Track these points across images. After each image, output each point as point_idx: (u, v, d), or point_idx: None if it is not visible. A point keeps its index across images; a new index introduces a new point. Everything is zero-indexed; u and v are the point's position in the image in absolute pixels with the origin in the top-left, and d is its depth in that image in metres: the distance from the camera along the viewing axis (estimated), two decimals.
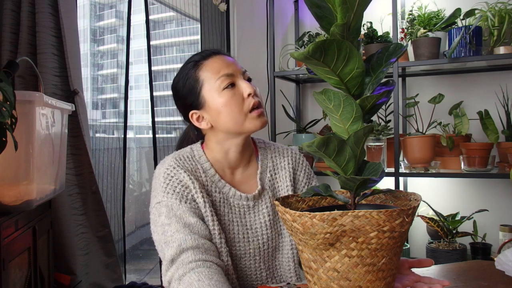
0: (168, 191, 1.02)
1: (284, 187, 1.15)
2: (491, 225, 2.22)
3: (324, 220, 0.66)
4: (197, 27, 2.44)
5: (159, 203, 1.02)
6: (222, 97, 1.03)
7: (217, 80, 1.04)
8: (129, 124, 2.16)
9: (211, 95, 1.04)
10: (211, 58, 1.07)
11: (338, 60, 0.66)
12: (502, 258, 1.03)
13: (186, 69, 1.09)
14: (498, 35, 2.02)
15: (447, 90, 2.36)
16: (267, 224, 1.10)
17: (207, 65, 1.06)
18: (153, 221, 1.03)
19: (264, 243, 1.10)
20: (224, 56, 1.09)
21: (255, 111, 1.05)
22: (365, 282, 0.70)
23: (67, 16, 1.71)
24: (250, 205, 1.10)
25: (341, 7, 0.65)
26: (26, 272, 1.37)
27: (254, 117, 1.05)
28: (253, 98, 1.04)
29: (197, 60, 1.08)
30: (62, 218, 1.72)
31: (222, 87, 1.03)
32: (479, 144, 2.04)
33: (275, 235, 1.12)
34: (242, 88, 1.05)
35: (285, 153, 1.19)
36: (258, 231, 1.10)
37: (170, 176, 1.04)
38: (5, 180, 1.27)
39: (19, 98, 1.10)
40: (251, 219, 1.10)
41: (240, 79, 1.06)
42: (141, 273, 2.30)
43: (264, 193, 1.12)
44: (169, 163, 1.06)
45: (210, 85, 1.04)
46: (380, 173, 0.72)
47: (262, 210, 1.11)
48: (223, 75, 1.04)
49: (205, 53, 1.09)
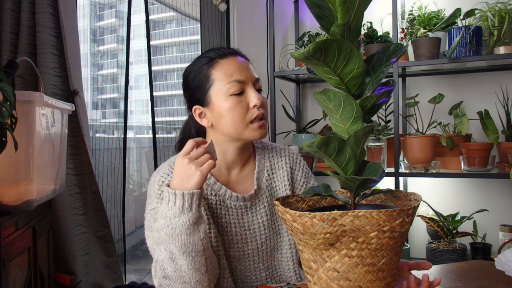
0: (163, 198, 1.02)
1: (282, 187, 1.15)
2: (491, 225, 2.22)
3: (324, 220, 0.66)
4: (197, 27, 2.44)
5: (154, 209, 1.02)
6: (228, 102, 1.02)
7: (227, 83, 1.03)
8: (129, 124, 2.16)
9: (218, 97, 1.04)
10: (226, 58, 1.05)
11: (338, 60, 0.66)
12: (502, 258, 1.04)
13: (200, 63, 1.07)
14: (498, 35, 2.02)
15: (447, 90, 2.36)
16: (265, 224, 1.10)
17: (221, 65, 1.04)
18: (148, 227, 1.02)
19: (263, 243, 1.10)
20: (240, 59, 1.07)
21: (256, 123, 1.04)
22: (365, 282, 0.70)
23: (67, 16, 1.71)
24: (247, 206, 1.09)
25: (341, 7, 0.65)
26: (26, 272, 1.37)
27: (255, 128, 1.04)
28: (258, 110, 1.03)
29: (213, 57, 1.06)
30: (62, 218, 1.72)
31: (230, 92, 1.02)
32: (479, 144, 2.04)
33: (273, 234, 1.12)
34: (249, 97, 1.04)
35: (282, 153, 1.19)
36: (256, 231, 1.09)
37: (165, 184, 1.02)
38: (5, 180, 1.27)
39: (19, 98, 1.10)
40: (248, 220, 1.09)
41: (250, 87, 1.05)
42: (141, 273, 2.30)
43: (261, 193, 1.12)
44: (164, 170, 1.06)
45: (219, 87, 1.03)
46: (380, 173, 0.72)
47: (260, 210, 1.10)
48: (234, 80, 1.03)
49: (221, 51, 1.07)
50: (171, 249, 0.90)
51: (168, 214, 0.89)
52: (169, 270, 0.91)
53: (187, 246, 0.89)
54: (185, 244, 0.89)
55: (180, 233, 0.88)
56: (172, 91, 2.47)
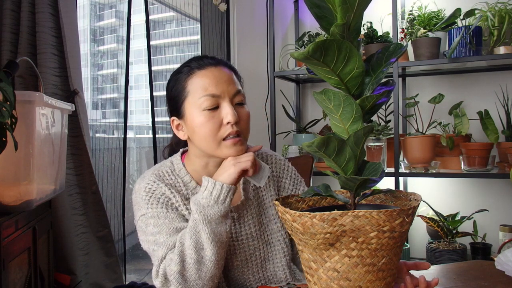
0: (152, 202, 1.01)
1: (268, 197, 1.12)
2: (491, 225, 2.22)
3: (324, 220, 0.66)
4: (197, 27, 2.44)
5: (144, 215, 1.00)
6: (200, 117, 0.97)
7: (200, 97, 0.97)
8: (129, 124, 2.16)
9: (191, 110, 0.99)
10: (204, 70, 1.00)
11: (338, 60, 0.66)
12: (502, 258, 1.04)
13: (180, 72, 1.03)
14: (498, 35, 2.02)
15: (447, 90, 2.36)
16: (253, 235, 1.08)
17: (198, 77, 0.99)
18: (142, 232, 1.01)
19: (251, 254, 1.07)
20: (221, 70, 1.01)
21: (230, 140, 0.98)
22: (365, 282, 0.70)
23: (67, 16, 1.71)
24: (234, 217, 1.07)
25: (341, 7, 0.65)
26: (26, 272, 1.37)
27: (228, 145, 0.98)
28: (232, 128, 0.97)
29: (192, 67, 1.01)
30: (62, 218, 1.72)
31: (203, 107, 0.97)
32: (479, 144, 2.04)
33: (263, 245, 1.09)
34: (223, 113, 0.97)
35: (268, 162, 1.15)
36: (245, 243, 1.07)
37: (152, 190, 1.02)
38: (5, 180, 1.27)
39: (19, 98, 1.10)
40: (236, 231, 1.07)
41: (226, 102, 0.98)
42: (141, 273, 2.30)
43: (248, 204, 1.09)
44: (149, 178, 1.04)
45: (194, 100, 0.98)
46: (380, 173, 0.72)
47: (248, 221, 1.08)
48: (208, 94, 0.97)
49: (202, 62, 1.02)
50: (198, 236, 0.91)
51: (202, 202, 0.93)
52: (189, 262, 0.90)
53: (216, 234, 0.92)
54: (213, 232, 0.92)
55: (210, 221, 0.92)
56: None
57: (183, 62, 1.08)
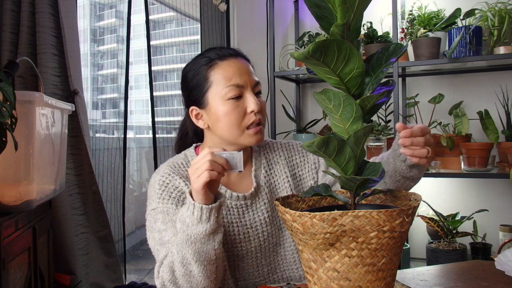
0: (164, 197, 1.01)
1: (281, 181, 1.14)
2: (491, 225, 2.22)
3: (324, 220, 0.66)
4: (197, 27, 2.44)
5: (154, 210, 1.01)
6: (225, 106, 1.01)
7: (225, 87, 1.01)
8: (129, 124, 2.16)
9: (215, 100, 1.02)
10: (226, 61, 1.04)
11: (338, 60, 0.66)
12: (502, 258, 1.03)
13: (200, 63, 1.06)
14: (498, 35, 2.01)
15: (447, 90, 2.36)
16: (267, 221, 1.10)
17: (221, 68, 1.03)
18: (149, 227, 1.02)
19: (265, 239, 1.09)
20: (241, 61, 1.06)
21: (252, 129, 1.03)
22: (365, 282, 0.70)
23: (67, 16, 1.71)
24: (247, 204, 1.09)
25: (341, 7, 0.65)
26: (26, 272, 1.37)
27: (251, 134, 1.03)
28: (255, 116, 1.02)
29: (212, 58, 1.04)
30: (62, 218, 1.72)
31: (228, 96, 1.01)
32: (479, 144, 2.04)
33: (276, 230, 1.11)
34: (247, 102, 1.02)
35: (276, 147, 1.18)
36: (258, 229, 1.09)
37: (166, 183, 1.03)
38: (5, 180, 1.27)
39: (19, 98, 1.10)
40: (250, 218, 1.09)
41: (249, 91, 1.03)
42: (141, 273, 2.30)
43: (260, 190, 1.11)
44: (164, 170, 1.06)
45: (217, 90, 1.02)
46: (380, 173, 0.72)
47: (261, 207, 1.10)
48: (233, 84, 1.01)
49: (222, 52, 1.05)
50: (183, 253, 0.89)
51: (186, 221, 0.88)
52: (178, 273, 0.90)
53: (200, 254, 0.88)
54: (198, 253, 0.88)
55: (195, 241, 0.87)
56: (172, 91, 2.47)
57: (199, 53, 1.10)
